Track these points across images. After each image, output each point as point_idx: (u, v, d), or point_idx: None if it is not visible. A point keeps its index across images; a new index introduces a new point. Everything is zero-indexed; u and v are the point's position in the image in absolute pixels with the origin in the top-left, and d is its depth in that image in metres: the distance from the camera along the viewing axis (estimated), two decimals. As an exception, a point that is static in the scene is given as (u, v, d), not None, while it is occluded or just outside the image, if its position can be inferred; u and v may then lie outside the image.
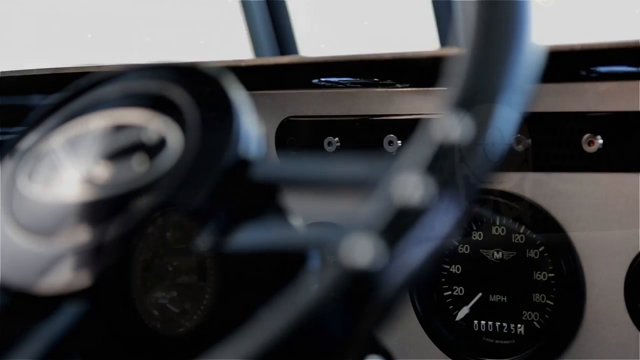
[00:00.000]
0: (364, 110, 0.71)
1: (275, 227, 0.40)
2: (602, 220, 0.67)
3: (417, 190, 0.30)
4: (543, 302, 0.70)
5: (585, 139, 0.67)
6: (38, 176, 0.41)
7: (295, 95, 0.73)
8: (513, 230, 0.70)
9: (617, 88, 0.65)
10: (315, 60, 0.62)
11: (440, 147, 0.31)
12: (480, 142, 0.31)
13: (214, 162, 0.38)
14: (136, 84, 0.43)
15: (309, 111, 0.72)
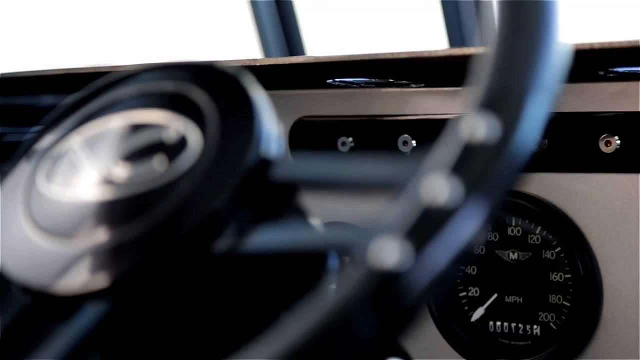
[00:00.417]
0: (378, 110, 0.71)
1: (296, 228, 0.39)
2: (619, 221, 0.67)
3: (444, 191, 0.29)
4: (559, 303, 0.69)
5: (602, 139, 0.66)
6: (57, 176, 0.41)
7: (308, 95, 0.72)
8: (529, 231, 0.70)
9: (634, 88, 0.64)
10: (329, 59, 0.62)
11: (467, 148, 0.30)
12: (507, 143, 0.31)
13: (235, 162, 0.37)
14: (155, 83, 0.43)
15: (323, 111, 0.72)
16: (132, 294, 0.36)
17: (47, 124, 0.44)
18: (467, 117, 0.31)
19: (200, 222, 0.36)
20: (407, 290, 0.28)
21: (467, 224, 0.29)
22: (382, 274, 0.28)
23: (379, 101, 0.70)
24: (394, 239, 0.29)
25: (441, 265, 0.29)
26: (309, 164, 0.37)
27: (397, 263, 0.28)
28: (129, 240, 0.37)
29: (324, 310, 0.28)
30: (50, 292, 0.37)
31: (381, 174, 0.33)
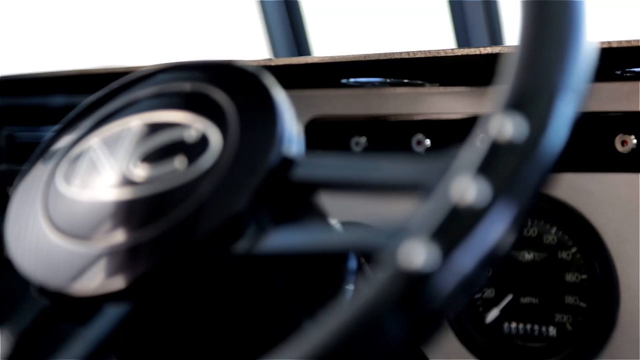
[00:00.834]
0: (391, 110, 0.70)
1: (317, 229, 0.39)
2: (635, 221, 0.66)
3: (473, 192, 0.29)
4: (575, 304, 0.69)
5: (618, 138, 0.66)
6: (75, 177, 0.40)
7: (322, 95, 0.72)
8: (544, 231, 0.69)
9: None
10: (344, 59, 0.61)
11: (496, 148, 0.30)
12: (537, 144, 0.30)
13: (257, 162, 0.37)
14: (174, 82, 0.43)
15: (336, 111, 0.71)
16: (151, 296, 0.36)
17: (66, 124, 0.44)
18: (495, 117, 0.31)
19: (221, 224, 0.35)
20: (438, 292, 0.28)
21: (497, 226, 0.29)
22: (413, 276, 0.28)
23: (392, 101, 0.70)
24: (424, 241, 0.28)
25: (470, 268, 0.29)
26: (330, 164, 0.37)
27: (427, 265, 0.28)
28: (149, 241, 0.36)
29: (354, 312, 0.27)
30: (69, 294, 0.36)
31: (408, 175, 0.33)
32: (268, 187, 0.37)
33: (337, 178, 0.36)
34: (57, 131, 0.44)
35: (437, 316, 0.29)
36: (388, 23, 1.86)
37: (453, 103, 0.66)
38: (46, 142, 0.44)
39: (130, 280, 0.35)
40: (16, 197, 0.41)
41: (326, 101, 0.73)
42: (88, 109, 0.44)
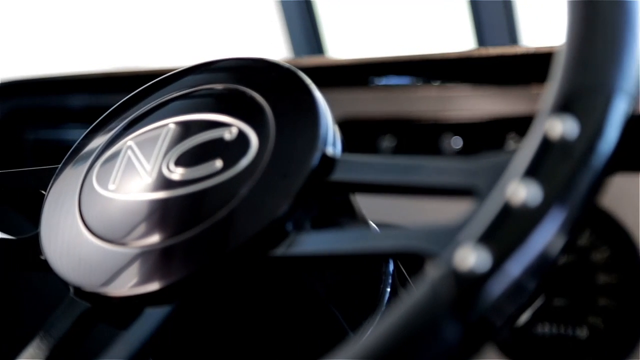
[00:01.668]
0: (421, 109, 0.69)
1: (359, 232, 0.38)
2: (669, 222, 0.65)
3: (525, 195, 0.28)
4: (608, 306, 0.68)
5: (652, 138, 0.65)
6: (111, 178, 0.40)
7: (350, 95, 0.71)
8: (577, 233, 0.68)
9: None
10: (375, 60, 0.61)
11: (551, 152, 0.29)
12: (588, 145, 0.29)
13: (299, 162, 0.36)
14: (210, 81, 0.42)
15: (365, 111, 0.71)
16: (191, 299, 0.35)
17: (98, 125, 0.44)
18: (545, 118, 0.30)
19: (263, 228, 0.35)
20: (494, 297, 0.27)
21: (551, 231, 0.28)
22: (469, 279, 0.27)
23: (422, 101, 0.69)
24: (479, 245, 0.28)
25: (524, 273, 0.28)
26: (371, 165, 0.36)
27: (482, 268, 0.27)
28: (189, 244, 0.36)
29: (407, 316, 0.27)
30: (107, 295, 0.36)
31: (456, 177, 0.32)
32: (309, 189, 0.36)
33: (379, 179, 0.35)
34: (90, 132, 0.43)
35: (492, 322, 0.28)
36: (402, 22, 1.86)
37: (486, 103, 0.66)
38: (80, 143, 0.43)
39: (169, 283, 0.35)
40: (50, 198, 0.41)
41: (354, 101, 0.72)
42: (120, 109, 0.44)
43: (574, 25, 0.32)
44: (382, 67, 0.64)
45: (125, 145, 0.41)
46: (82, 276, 0.37)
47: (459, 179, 0.32)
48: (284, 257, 0.35)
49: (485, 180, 0.31)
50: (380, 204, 0.57)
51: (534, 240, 0.28)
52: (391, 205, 0.65)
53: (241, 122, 0.39)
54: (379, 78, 0.68)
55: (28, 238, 0.40)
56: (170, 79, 0.44)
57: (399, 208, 0.66)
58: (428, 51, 0.67)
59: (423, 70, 0.65)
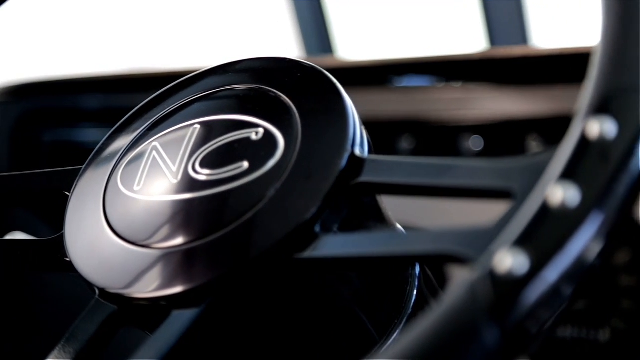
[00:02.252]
0: (440, 110, 0.69)
1: (388, 235, 0.38)
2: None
3: (564, 198, 0.28)
4: (630, 309, 0.67)
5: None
6: (136, 179, 0.39)
7: (368, 96, 0.71)
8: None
9: None
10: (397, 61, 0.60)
11: (588, 151, 0.29)
12: (629, 146, 0.29)
13: (328, 163, 0.36)
14: (234, 81, 0.42)
15: (385, 111, 0.70)
16: (218, 302, 0.35)
17: (122, 126, 0.43)
18: (582, 119, 0.30)
19: (291, 231, 0.34)
20: (533, 302, 0.27)
21: (592, 235, 0.28)
22: (508, 282, 0.27)
23: (442, 102, 0.68)
24: (519, 248, 0.27)
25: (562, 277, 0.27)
26: (401, 166, 0.35)
27: (522, 271, 0.27)
28: (216, 246, 0.35)
29: (448, 319, 0.26)
30: (135, 297, 0.36)
31: (491, 179, 0.31)
32: (337, 190, 0.35)
33: (410, 180, 0.35)
34: (114, 132, 0.43)
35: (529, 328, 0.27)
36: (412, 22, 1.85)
37: (507, 103, 0.65)
38: (103, 143, 0.43)
39: (196, 285, 0.35)
40: (74, 199, 0.41)
41: (372, 102, 0.72)
42: (144, 110, 0.44)
43: (609, 24, 0.32)
44: (402, 67, 0.64)
45: (150, 146, 0.40)
46: (108, 278, 0.37)
47: (495, 180, 0.31)
48: (312, 259, 0.34)
49: (522, 182, 0.30)
50: (396, 205, 0.56)
51: (572, 244, 0.27)
52: (406, 207, 0.64)
53: (267, 123, 0.38)
54: (398, 79, 0.67)
55: (52, 239, 0.40)
56: (193, 80, 0.44)
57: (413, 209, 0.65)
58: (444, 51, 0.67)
59: (443, 71, 0.64)
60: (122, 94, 0.90)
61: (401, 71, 0.67)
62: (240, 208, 0.36)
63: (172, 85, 0.44)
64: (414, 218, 0.62)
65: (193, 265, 0.35)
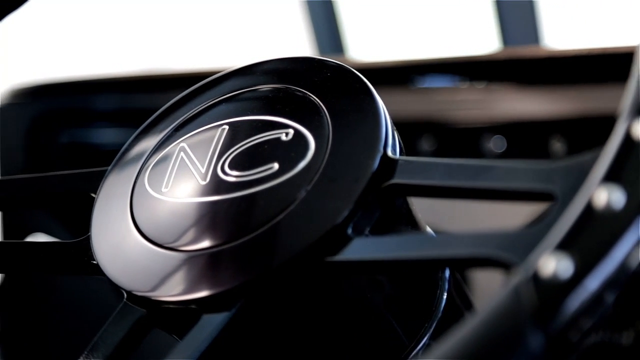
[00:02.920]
0: (462, 111, 0.68)
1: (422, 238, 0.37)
2: None
3: (609, 200, 0.27)
4: (655, 312, 0.66)
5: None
6: (164, 181, 0.39)
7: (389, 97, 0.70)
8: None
9: None
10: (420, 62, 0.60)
11: (633, 152, 0.28)
12: None
13: (360, 165, 0.35)
14: (261, 81, 0.41)
15: (406, 111, 0.70)
16: (250, 305, 0.34)
17: (148, 127, 0.43)
18: (630, 121, 0.29)
19: (324, 233, 0.34)
20: (578, 307, 0.26)
21: (637, 239, 0.27)
22: (554, 288, 0.26)
23: (464, 102, 0.68)
24: (564, 252, 0.26)
25: (608, 283, 0.27)
26: (437, 167, 0.35)
27: (568, 277, 0.26)
28: (246, 249, 0.35)
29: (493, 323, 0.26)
30: (164, 300, 0.35)
31: (534, 180, 0.31)
32: (370, 192, 0.35)
33: (446, 182, 0.34)
34: (140, 133, 0.43)
35: (574, 333, 0.27)
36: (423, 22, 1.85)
37: (529, 103, 0.64)
38: (129, 144, 0.42)
39: (226, 288, 0.34)
40: (101, 201, 0.40)
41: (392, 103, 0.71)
42: (170, 111, 0.43)
43: None
44: (423, 68, 0.63)
45: (177, 147, 0.40)
46: (136, 281, 0.36)
47: (536, 182, 0.31)
48: (345, 262, 0.34)
49: (564, 184, 0.30)
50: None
51: (617, 248, 0.27)
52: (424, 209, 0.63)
53: (297, 123, 0.38)
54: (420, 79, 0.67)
55: (78, 242, 0.39)
56: (220, 80, 0.43)
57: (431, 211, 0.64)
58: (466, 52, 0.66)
59: (466, 72, 0.64)
60: (138, 94, 0.89)
61: (423, 72, 0.66)
62: (270, 210, 0.35)
63: (198, 85, 0.43)
64: (434, 220, 0.61)
65: (223, 268, 0.35)
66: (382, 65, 0.64)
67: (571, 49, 0.59)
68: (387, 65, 0.63)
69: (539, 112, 0.64)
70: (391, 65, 0.63)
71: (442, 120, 0.68)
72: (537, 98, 0.64)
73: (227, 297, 0.34)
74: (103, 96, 0.91)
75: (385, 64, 0.63)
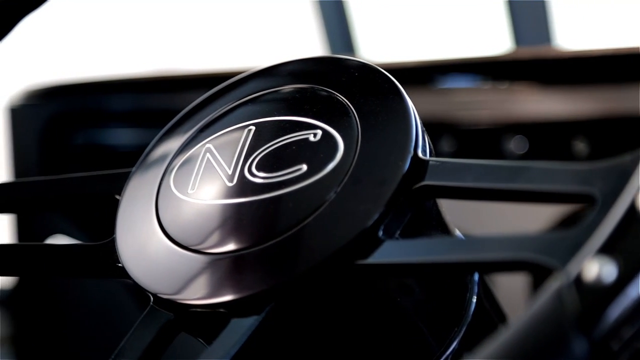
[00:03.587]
0: (483, 112, 0.68)
1: (461, 240, 0.36)
2: None
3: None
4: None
5: None
6: (190, 182, 0.38)
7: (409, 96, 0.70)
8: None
9: None
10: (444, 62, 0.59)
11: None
12: None
13: (391, 166, 0.35)
14: (288, 82, 0.41)
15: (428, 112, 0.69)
16: (280, 309, 0.34)
17: (172, 128, 0.42)
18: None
19: (356, 235, 0.33)
20: (623, 312, 0.26)
21: None
22: (598, 293, 0.25)
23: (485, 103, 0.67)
24: (607, 256, 0.26)
25: None
26: (470, 168, 0.34)
27: (611, 281, 0.25)
28: (275, 251, 0.34)
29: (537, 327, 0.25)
30: (192, 304, 0.34)
31: (573, 182, 0.30)
32: (400, 194, 0.34)
33: (479, 184, 0.33)
34: (163, 134, 0.42)
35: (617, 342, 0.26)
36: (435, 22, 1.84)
37: (553, 103, 0.64)
38: (153, 146, 0.42)
39: (255, 291, 0.33)
40: (125, 203, 0.39)
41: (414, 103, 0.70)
42: (193, 112, 0.42)
43: None
44: (444, 68, 0.63)
45: (203, 148, 0.39)
46: (163, 284, 0.35)
47: (575, 184, 0.30)
48: (377, 265, 0.33)
49: (604, 186, 0.29)
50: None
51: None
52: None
53: (325, 124, 0.37)
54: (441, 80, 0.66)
55: (103, 244, 0.39)
56: (243, 81, 0.42)
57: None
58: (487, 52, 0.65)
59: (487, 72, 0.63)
60: (153, 95, 0.89)
61: (443, 72, 0.65)
62: (300, 212, 0.35)
63: (222, 86, 0.43)
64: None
65: (252, 271, 0.34)
66: (402, 65, 0.63)
67: (595, 49, 0.58)
68: (407, 65, 0.62)
69: (562, 112, 0.63)
70: (411, 66, 0.62)
71: (462, 121, 0.68)
72: (560, 98, 0.64)
73: (256, 300, 0.33)
74: (117, 97, 0.90)
75: (406, 65, 0.63)
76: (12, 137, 0.92)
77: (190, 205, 0.37)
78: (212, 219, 0.36)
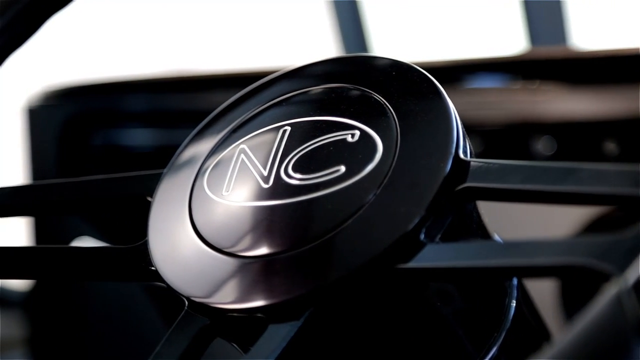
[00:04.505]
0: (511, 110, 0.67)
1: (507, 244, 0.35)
2: None
3: None
4: None
5: None
6: (225, 184, 0.37)
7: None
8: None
9: None
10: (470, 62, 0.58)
11: None
12: None
13: (432, 168, 0.34)
14: (323, 81, 0.40)
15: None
16: (320, 314, 0.33)
17: (204, 129, 0.41)
18: None
19: (397, 238, 0.32)
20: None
21: None
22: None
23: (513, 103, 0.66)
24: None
25: None
26: (515, 170, 0.33)
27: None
28: (314, 255, 0.33)
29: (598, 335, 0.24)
30: (228, 309, 0.34)
31: (627, 185, 0.29)
32: (442, 196, 0.33)
33: (525, 186, 0.32)
34: (195, 135, 0.41)
35: None
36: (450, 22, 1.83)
37: (581, 103, 0.63)
38: (184, 147, 0.41)
39: (294, 296, 0.33)
40: (157, 205, 0.39)
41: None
42: (225, 112, 0.41)
43: None
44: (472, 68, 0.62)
45: (237, 149, 0.38)
46: (199, 289, 0.35)
47: (628, 187, 0.29)
48: (420, 269, 0.32)
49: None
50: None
51: None
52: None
53: (363, 124, 0.36)
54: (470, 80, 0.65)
55: (135, 247, 0.38)
56: (275, 81, 0.42)
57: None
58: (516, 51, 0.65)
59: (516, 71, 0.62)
60: (171, 95, 0.88)
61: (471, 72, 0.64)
62: (338, 215, 0.34)
63: (253, 86, 0.42)
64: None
65: (291, 275, 0.33)
66: (430, 65, 0.62)
67: (625, 48, 0.57)
68: (435, 65, 0.62)
69: (591, 112, 0.62)
70: (439, 66, 0.61)
71: (489, 122, 0.67)
72: (588, 98, 0.63)
73: (295, 305, 0.32)
74: (135, 97, 0.90)
75: (433, 64, 0.62)
76: (30, 138, 0.92)
77: (225, 207, 0.36)
78: (247, 221, 0.36)
